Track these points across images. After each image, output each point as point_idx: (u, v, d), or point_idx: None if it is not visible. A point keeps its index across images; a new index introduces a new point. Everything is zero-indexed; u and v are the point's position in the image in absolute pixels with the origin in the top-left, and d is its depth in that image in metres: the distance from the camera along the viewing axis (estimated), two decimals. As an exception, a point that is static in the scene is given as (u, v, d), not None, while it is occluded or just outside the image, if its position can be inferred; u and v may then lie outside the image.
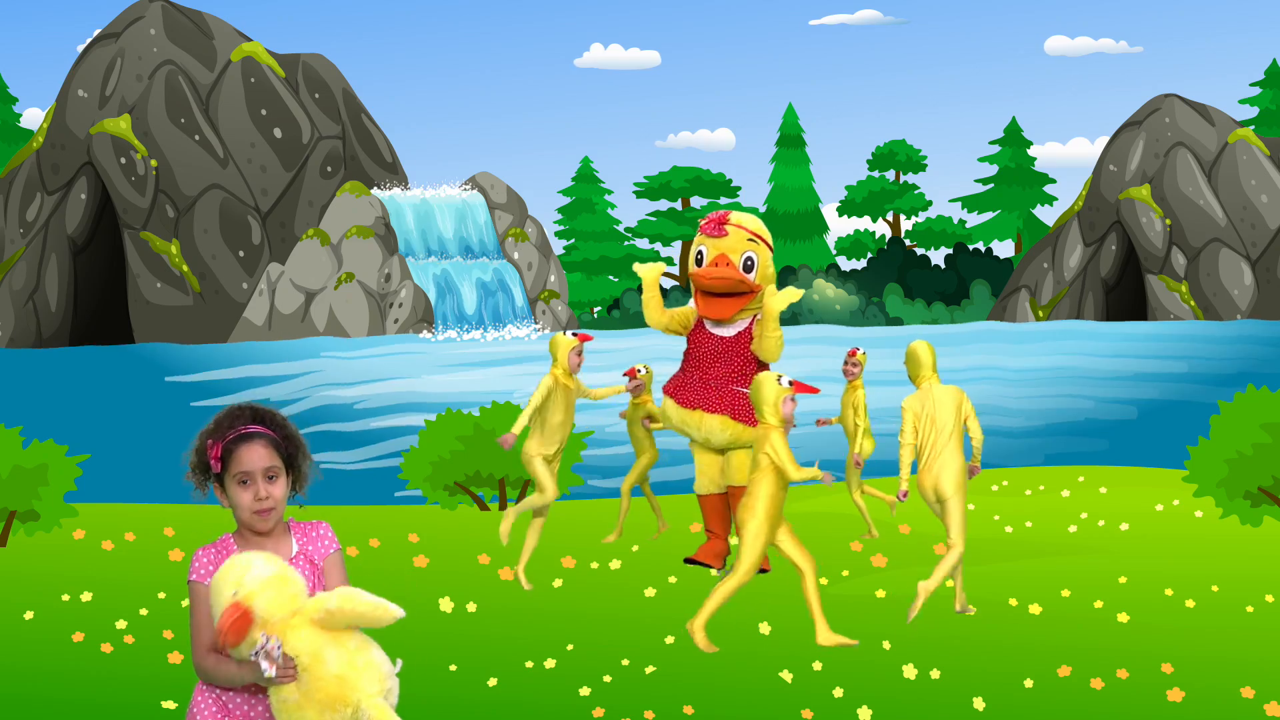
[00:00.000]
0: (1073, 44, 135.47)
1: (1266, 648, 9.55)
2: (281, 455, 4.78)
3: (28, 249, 55.65)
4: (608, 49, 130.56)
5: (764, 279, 12.50)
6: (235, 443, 4.74)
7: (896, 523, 15.13)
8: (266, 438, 4.77)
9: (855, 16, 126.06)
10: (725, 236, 12.40)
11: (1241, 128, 61.92)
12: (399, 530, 15.01)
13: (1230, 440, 13.54)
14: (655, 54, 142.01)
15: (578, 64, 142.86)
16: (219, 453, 4.73)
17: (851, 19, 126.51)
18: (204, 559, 4.75)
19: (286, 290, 54.52)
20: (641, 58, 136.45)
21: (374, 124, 59.53)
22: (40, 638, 10.24)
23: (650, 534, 14.63)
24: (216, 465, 4.74)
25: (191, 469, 4.81)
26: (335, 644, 4.56)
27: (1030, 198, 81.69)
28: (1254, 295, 58.92)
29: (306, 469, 4.86)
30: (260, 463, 4.73)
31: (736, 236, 12.41)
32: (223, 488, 4.77)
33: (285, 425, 4.84)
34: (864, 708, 8.03)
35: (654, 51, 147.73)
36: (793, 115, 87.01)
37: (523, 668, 9.24)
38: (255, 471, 4.72)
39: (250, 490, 4.72)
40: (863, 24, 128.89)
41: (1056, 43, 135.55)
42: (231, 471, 4.73)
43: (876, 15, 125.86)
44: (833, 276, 70.97)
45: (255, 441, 4.75)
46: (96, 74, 56.34)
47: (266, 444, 4.76)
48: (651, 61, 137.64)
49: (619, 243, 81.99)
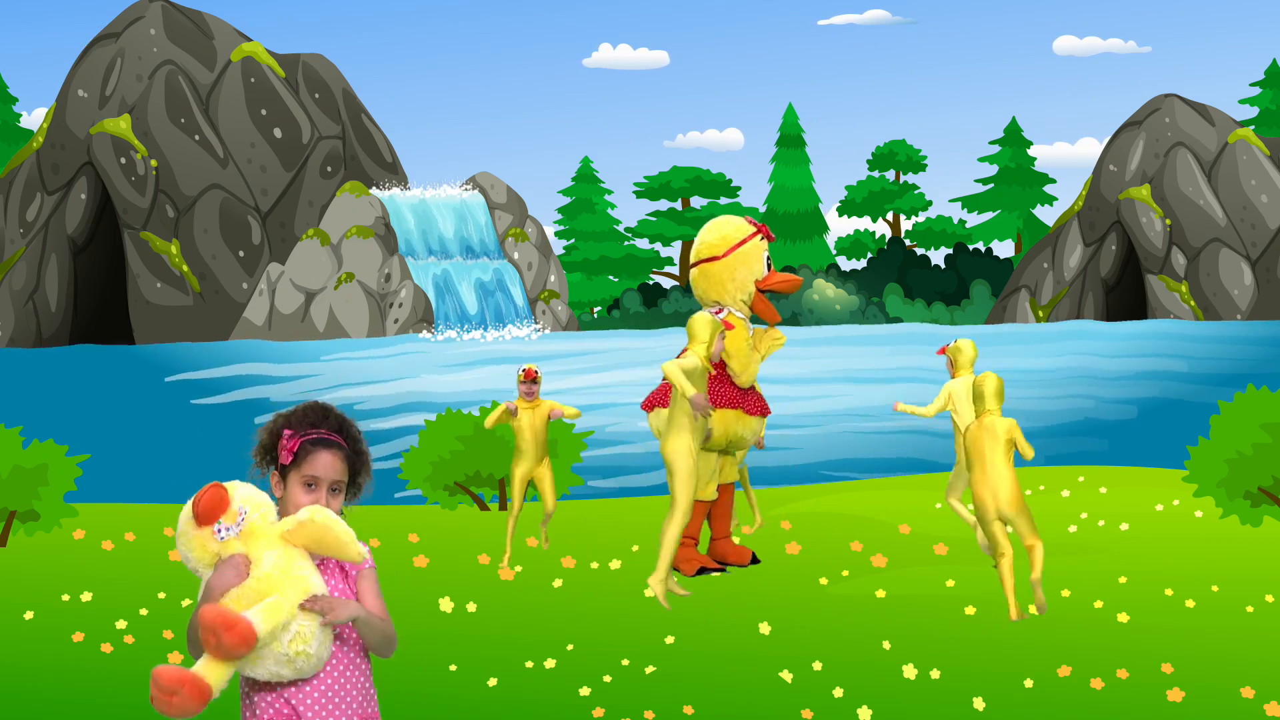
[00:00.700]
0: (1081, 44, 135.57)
1: (1266, 648, 9.55)
2: (349, 469, 4.76)
3: (28, 249, 55.66)
4: (616, 49, 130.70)
5: None
6: (315, 444, 4.70)
7: (896, 523, 15.13)
8: (343, 451, 4.73)
9: (864, 16, 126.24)
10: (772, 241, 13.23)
11: (1241, 128, 61.94)
12: (399, 530, 15.01)
13: (1230, 440, 13.53)
14: (664, 54, 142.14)
15: (586, 64, 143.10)
16: (295, 447, 4.70)
17: (860, 19, 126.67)
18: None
19: (286, 290, 54.54)
20: (650, 58, 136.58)
21: (374, 124, 59.53)
22: (40, 638, 10.24)
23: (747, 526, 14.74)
24: (287, 458, 4.70)
25: (261, 447, 4.77)
26: (283, 554, 4.55)
27: (1030, 198, 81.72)
28: (1254, 295, 58.92)
29: (363, 487, 4.83)
30: (332, 474, 4.68)
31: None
32: (282, 478, 4.73)
33: (359, 440, 4.80)
34: (864, 708, 8.03)
35: (663, 51, 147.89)
36: (793, 115, 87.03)
37: (523, 668, 9.24)
38: (324, 480, 4.69)
39: (313, 496, 4.69)
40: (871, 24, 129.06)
41: (1065, 43, 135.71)
42: (302, 471, 4.69)
43: (885, 15, 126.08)
44: (833, 276, 70.98)
45: (334, 450, 4.70)
46: (96, 74, 56.35)
47: (342, 457, 4.71)
48: (660, 61, 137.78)
49: (619, 243, 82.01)
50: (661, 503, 17.34)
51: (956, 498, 13.74)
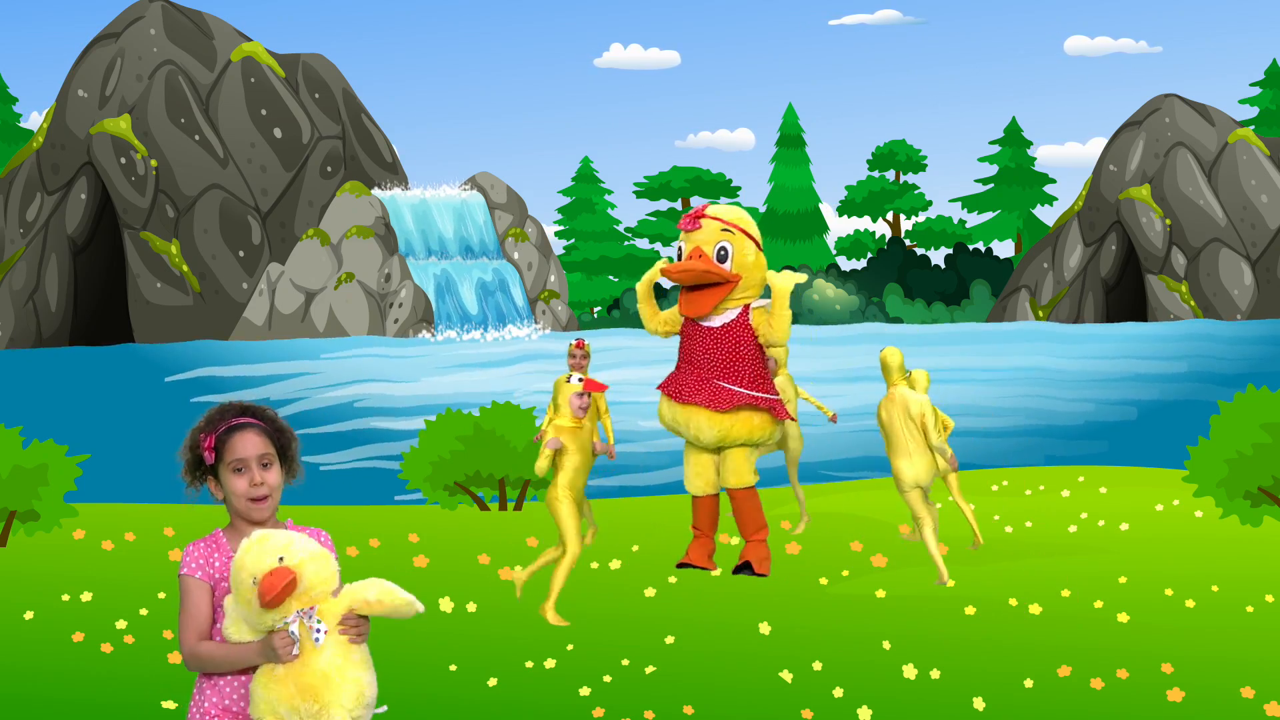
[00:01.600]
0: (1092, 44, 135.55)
1: (1266, 648, 9.55)
2: (274, 444, 4.84)
3: (28, 249, 55.65)
4: (628, 49, 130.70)
5: (741, 267, 12.38)
6: (228, 433, 4.82)
7: (896, 523, 15.13)
8: (258, 427, 4.85)
9: (874, 16, 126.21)
10: (699, 230, 12.41)
11: (1241, 128, 61.92)
12: (399, 530, 15.00)
13: (1230, 440, 13.53)
14: (675, 54, 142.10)
15: (598, 64, 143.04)
16: (212, 443, 4.79)
17: (871, 19, 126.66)
18: (194, 553, 4.78)
19: (286, 290, 54.53)
20: (662, 58, 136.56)
21: (374, 124, 59.53)
22: (40, 638, 10.24)
23: (794, 524, 14.75)
24: (210, 456, 4.80)
25: (185, 466, 4.86)
26: (342, 644, 4.59)
27: (1030, 198, 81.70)
28: (1254, 295, 58.91)
29: (298, 459, 4.91)
30: (254, 449, 4.80)
31: (710, 229, 12.39)
32: (217, 480, 4.81)
33: (276, 418, 4.93)
34: (864, 708, 8.02)
35: (674, 51, 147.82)
36: (793, 115, 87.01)
37: (523, 668, 9.24)
38: (250, 459, 4.79)
39: (245, 477, 4.78)
40: (882, 24, 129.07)
41: (1076, 42, 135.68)
42: (226, 460, 4.79)
43: (896, 15, 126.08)
44: (833, 276, 70.97)
45: (248, 430, 4.83)
46: (96, 74, 56.34)
47: (259, 432, 4.84)
48: (671, 61, 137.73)
49: (619, 243, 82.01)
50: (663, 502, 17.34)
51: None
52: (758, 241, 12.63)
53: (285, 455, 4.87)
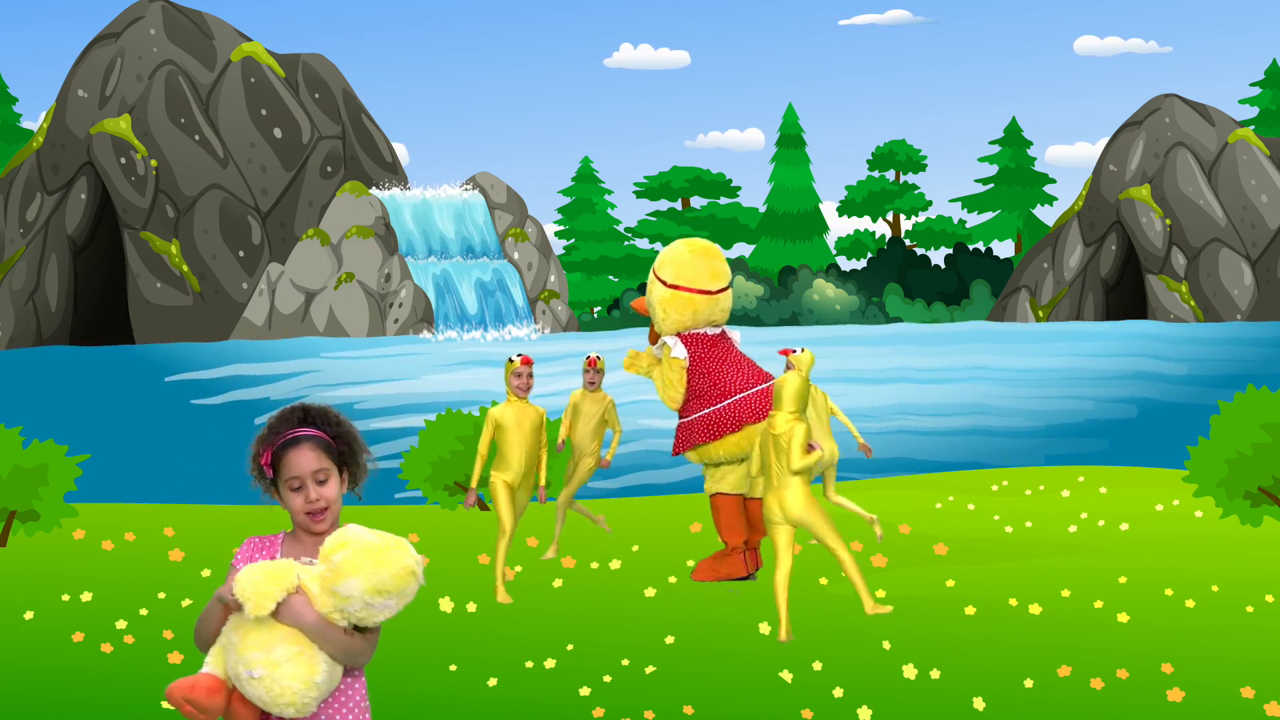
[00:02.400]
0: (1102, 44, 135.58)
1: (1266, 648, 9.55)
2: (332, 456, 4.75)
3: (28, 249, 55.65)
4: (638, 49, 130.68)
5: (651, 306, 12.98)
6: (283, 449, 4.72)
7: (896, 523, 15.13)
8: (315, 440, 4.73)
9: (885, 16, 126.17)
10: None
11: (1241, 128, 61.92)
12: (399, 530, 14.97)
13: (1230, 440, 13.53)
14: (685, 54, 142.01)
15: (607, 64, 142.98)
16: (269, 459, 4.72)
17: (881, 19, 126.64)
18: (246, 548, 4.76)
19: (286, 290, 54.52)
20: (671, 58, 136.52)
21: (374, 124, 59.53)
22: (40, 638, 10.24)
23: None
24: (269, 472, 4.72)
25: (254, 475, 4.81)
26: (290, 638, 4.57)
27: (1030, 198, 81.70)
28: (1254, 295, 58.91)
29: (364, 464, 4.83)
30: (309, 466, 4.70)
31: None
32: (279, 492, 4.76)
33: (338, 423, 4.80)
34: (864, 708, 8.03)
35: (684, 51, 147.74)
36: (792, 115, 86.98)
37: (523, 668, 9.24)
38: (304, 476, 4.70)
39: (301, 495, 4.72)
40: (892, 24, 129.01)
41: (1086, 42, 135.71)
42: (283, 478, 4.72)
43: (906, 15, 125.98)
44: (833, 276, 70.97)
45: (303, 445, 4.71)
46: (96, 74, 56.34)
47: (314, 446, 4.72)
48: (681, 61, 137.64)
49: (619, 243, 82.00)
50: (663, 503, 17.36)
51: (832, 492, 13.77)
52: (664, 280, 12.93)
53: (346, 463, 4.78)
